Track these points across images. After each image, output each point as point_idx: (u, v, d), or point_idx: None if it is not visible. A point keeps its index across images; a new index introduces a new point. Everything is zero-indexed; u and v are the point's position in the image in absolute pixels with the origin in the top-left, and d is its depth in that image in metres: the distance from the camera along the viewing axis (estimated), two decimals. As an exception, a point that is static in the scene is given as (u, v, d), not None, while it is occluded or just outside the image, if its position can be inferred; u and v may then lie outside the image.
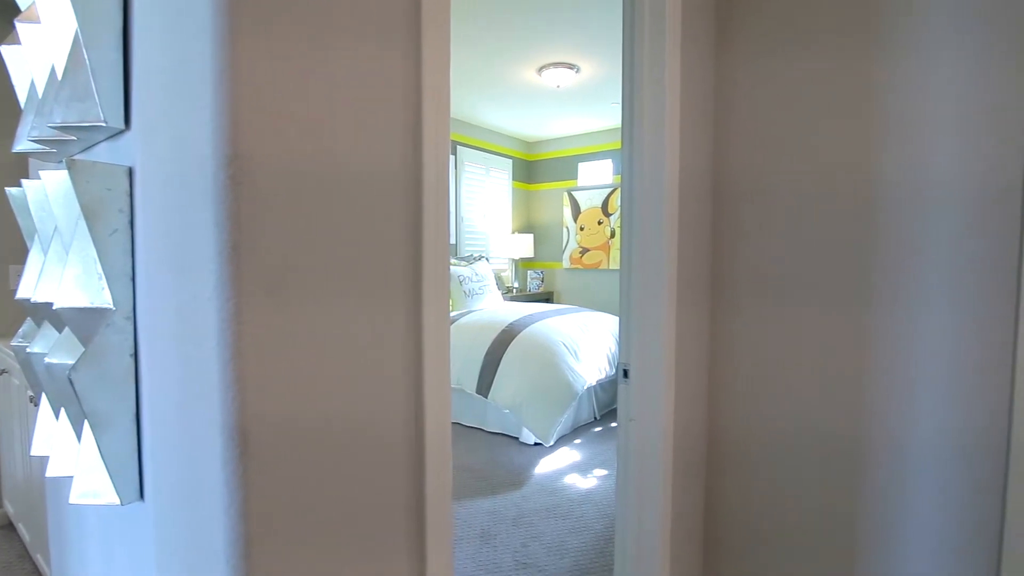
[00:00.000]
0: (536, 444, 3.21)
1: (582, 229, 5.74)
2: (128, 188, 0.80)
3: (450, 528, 0.75)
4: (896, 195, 1.28)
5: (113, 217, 0.80)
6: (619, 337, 1.29)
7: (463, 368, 3.40)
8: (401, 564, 0.70)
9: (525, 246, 5.71)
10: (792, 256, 1.42)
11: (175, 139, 0.57)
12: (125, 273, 0.81)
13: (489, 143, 5.58)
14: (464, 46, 3.42)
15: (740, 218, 1.51)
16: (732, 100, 1.52)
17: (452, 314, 3.95)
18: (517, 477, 2.79)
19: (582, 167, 5.77)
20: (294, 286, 0.55)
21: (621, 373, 1.28)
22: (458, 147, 5.17)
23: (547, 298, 5.93)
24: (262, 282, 0.51)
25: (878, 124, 1.29)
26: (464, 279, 4.34)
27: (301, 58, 0.55)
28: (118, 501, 0.81)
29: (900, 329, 1.28)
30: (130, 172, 0.79)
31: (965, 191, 1.20)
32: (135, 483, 0.83)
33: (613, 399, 3.75)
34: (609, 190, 5.52)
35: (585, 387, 3.22)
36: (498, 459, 3.03)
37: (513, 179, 5.94)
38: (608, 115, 5.03)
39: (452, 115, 5.04)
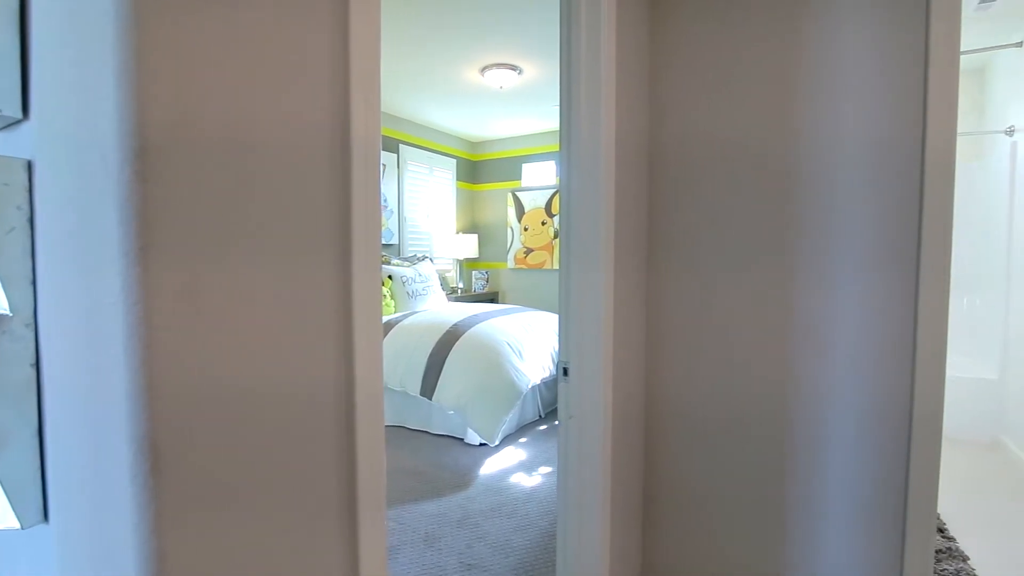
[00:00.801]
0: (482, 444, 3.21)
1: (526, 230, 5.79)
2: (27, 183, 0.73)
3: (382, 507, 0.73)
4: (809, 164, 1.40)
5: (10, 214, 0.73)
6: (559, 336, 1.31)
7: (407, 370, 3.35)
8: (333, 548, 0.68)
9: (469, 246, 5.69)
10: (721, 229, 1.51)
11: (77, 131, 0.52)
12: (24, 276, 0.74)
13: (433, 142, 5.52)
14: (406, 45, 3.37)
15: (675, 200, 1.59)
16: (666, 78, 1.59)
17: (395, 315, 3.88)
18: (462, 478, 2.78)
19: (526, 168, 5.82)
20: (210, 287, 0.52)
21: (561, 372, 1.30)
22: (400, 146, 5.09)
23: (492, 298, 5.94)
24: (174, 283, 0.48)
25: (793, 96, 1.41)
26: (407, 280, 4.27)
27: (215, 40, 0.52)
28: (18, 525, 0.74)
29: (816, 296, 1.41)
30: (29, 165, 0.72)
31: (868, 158, 1.32)
32: (38, 504, 0.76)
33: (557, 397, 3.81)
34: (552, 191, 5.60)
35: (530, 386, 3.25)
36: (443, 461, 3.00)
37: (457, 179, 5.91)
38: (551, 117, 5.10)
39: (395, 114, 4.96)
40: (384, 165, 4.84)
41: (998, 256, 3.45)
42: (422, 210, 5.38)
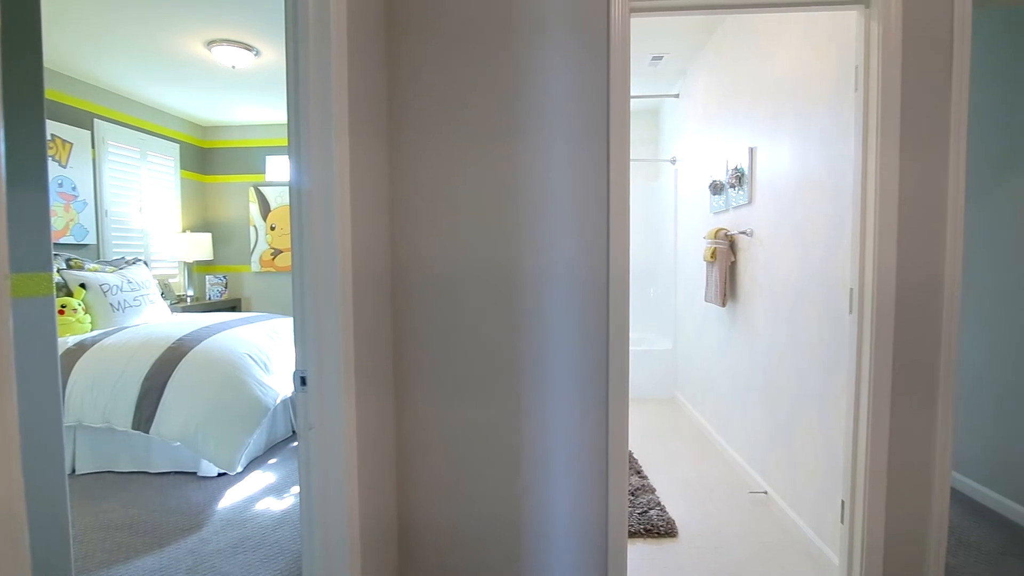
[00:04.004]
0: (220, 475, 2.80)
1: (273, 228, 5.25)
2: None
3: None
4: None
5: None
6: (295, 343, 1.21)
7: (111, 400, 2.70)
8: None
9: (201, 247, 4.90)
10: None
11: None
12: None
13: (146, 122, 4.57)
14: (94, -7, 2.70)
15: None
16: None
17: (91, 334, 3.09)
18: (194, 519, 2.37)
19: (271, 160, 5.28)
20: None
21: (298, 381, 1.21)
22: (96, 121, 4.07)
23: (233, 306, 5.23)
24: None
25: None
26: (111, 288, 3.45)
27: None
28: None
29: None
30: None
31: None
32: None
33: (313, 408, 3.55)
34: (303, 188, 5.20)
35: (278, 400, 2.95)
36: (168, 504, 2.51)
37: (181, 168, 5.02)
38: (297, 108, 4.71)
39: (86, 80, 3.95)
40: (71, 144, 3.80)
41: (668, 255, 4.52)
42: (132, 203, 4.40)
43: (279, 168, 5.29)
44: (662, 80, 4.19)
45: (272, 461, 3.02)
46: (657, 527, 2.25)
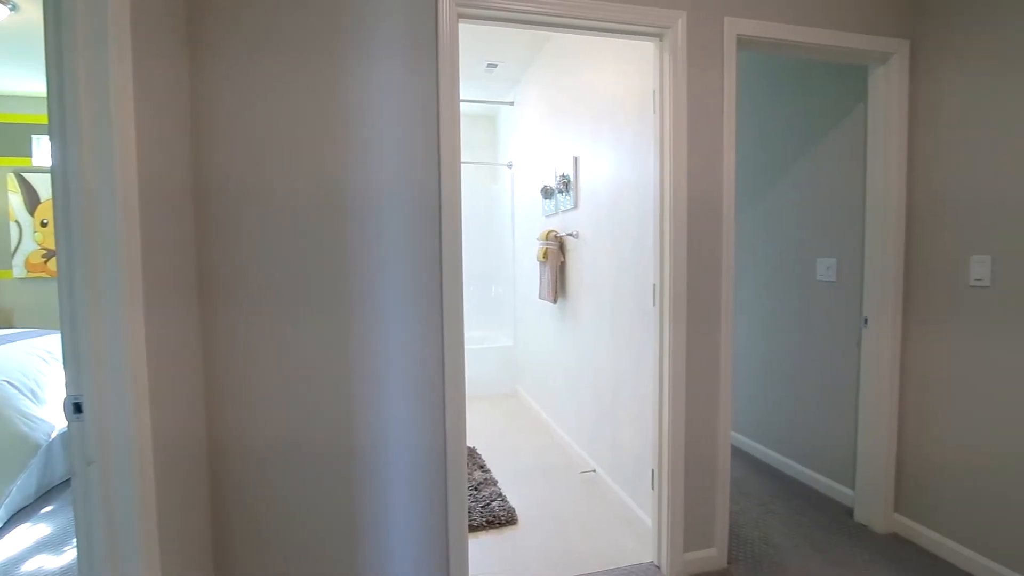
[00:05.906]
0: (-33, 536, 2.21)
1: (44, 225, 4.29)
2: None
3: None
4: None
5: None
6: (64, 361, 1.00)
7: None
8: None
9: (-66, 248, 3.80)
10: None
11: None
12: None
13: None
14: None
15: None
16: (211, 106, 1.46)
17: None
18: (-77, 598, 1.84)
19: (40, 142, 4.31)
20: None
21: (71, 409, 1.00)
22: None
23: (-13, 322, 4.17)
24: None
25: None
26: None
27: None
28: None
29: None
30: None
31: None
32: None
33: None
34: (87, 177, 4.33)
35: (54, 435, 2.43)
36: None
37: (-102, 144, 3.84)
38: (77, 81, 3.92)
39: None
40: None
41: (507, 255, 4.72)
42: None
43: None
44: (498, 87, 4.35)
45: (47, 509, 2.47)
46: (499, 517, 2.34)
